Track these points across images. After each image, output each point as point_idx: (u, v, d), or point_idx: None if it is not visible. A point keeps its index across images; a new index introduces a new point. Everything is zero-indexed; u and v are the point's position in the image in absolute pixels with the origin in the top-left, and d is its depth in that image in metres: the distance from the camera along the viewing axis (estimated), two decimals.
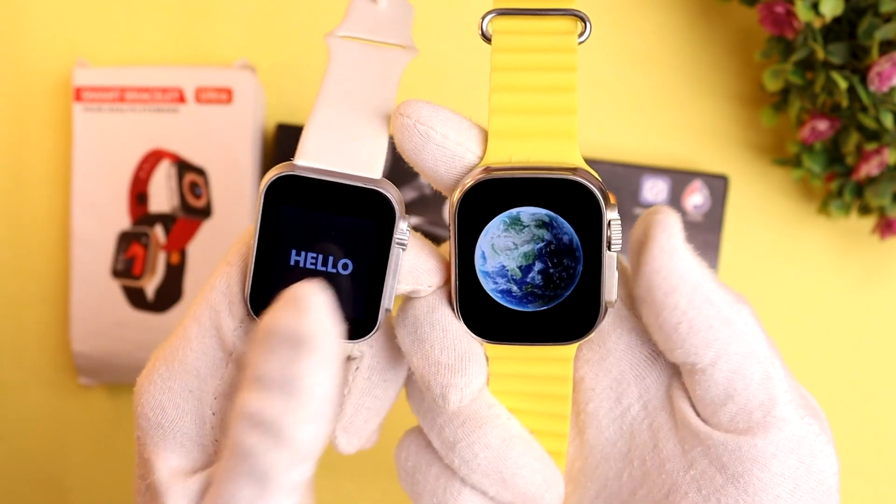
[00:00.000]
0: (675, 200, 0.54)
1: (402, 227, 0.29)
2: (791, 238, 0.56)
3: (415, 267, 0.30)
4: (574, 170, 0.28)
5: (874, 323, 0.57)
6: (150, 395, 0.31)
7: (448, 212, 0.29)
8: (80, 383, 0.55)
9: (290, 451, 0.26)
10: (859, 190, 0.51)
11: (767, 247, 0.56)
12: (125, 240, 0.54)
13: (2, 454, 0.56)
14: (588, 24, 0.29)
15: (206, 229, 0.54)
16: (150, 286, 0.54)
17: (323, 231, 0.29)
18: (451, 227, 0.29)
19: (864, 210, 0.53)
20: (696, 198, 0.54)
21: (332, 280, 0.29)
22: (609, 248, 0.29)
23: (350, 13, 0.33)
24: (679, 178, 0.54)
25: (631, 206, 0.54)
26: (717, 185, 0.54)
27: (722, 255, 0.55)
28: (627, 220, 0.54)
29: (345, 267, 0.29)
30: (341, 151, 0.29)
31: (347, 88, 0.30)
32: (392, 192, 0.29)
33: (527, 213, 0.29)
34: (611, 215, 0.29)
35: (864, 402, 0.57)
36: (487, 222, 0.29)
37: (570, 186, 0.28)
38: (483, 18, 0.30)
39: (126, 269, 0.54)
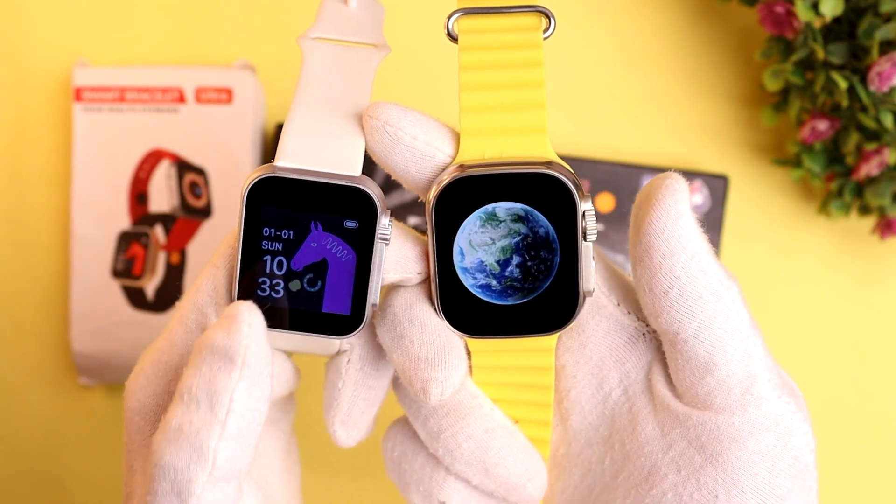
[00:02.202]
0: None
1: (385, 223, 0.29)
2: (791, 238, 0.56)
3: (402, 256, 0.30)
4: (547, 163, 0.29)
5: (874, 323, 0.57)
6: (136, 397, 0.31)
7: (425, 210, 0.29)
8: (80, 383, 0.55)
9: (209, 467, 0.27)
10: (859, 190, 0.51)
11: (767, 247, 0.56)
12: (125, 240, 0.54)
13: (2, 454, 0.56)
14: (552, 20, 0.30)
15: (206, 229, 0.54)
16: (150, 286, 0.54)
17: (306, 230, 0.29)
18: (429, 226, 0.29)
19: (864, 210, 0.53)
20: (696, 198, 0.54)
21: (318, 278, 0.30)
22: (585, 239, 0.29)
23: (320, 15, 0.33)
24: None
25: (631, 206, 0.54)
26: (717, 185, 0.54)
27: (722, 255, 0.55)
28: (628, 220, 0.54)
29: (329, 265, 0.30)
30: (320, 151, 0.29)
31: (322, 89, 0.31)
32: (372, 189, 0.29)
33: (502, 208, 0.29)
34: (585, 206, 0.29)
35: (864, 402, 0.57)
36: (464, 219, 0.29)
37: (543, 180, 0.29)
38: (448, 18, 0.30)
39: (126, 269, 0.54)
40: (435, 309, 0.30)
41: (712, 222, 0.54)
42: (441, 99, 0.56)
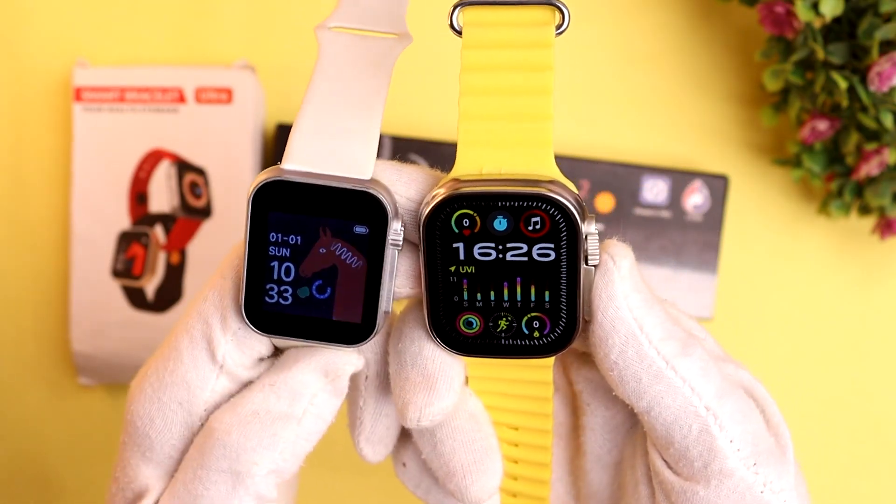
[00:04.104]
0: (675, 200, 0.54)
1: (396, 228, 0.28)
2: (791, 238, 0.56)
3: (416, 270, 0.29)
4: (549, 182, 0.27)
5: (874, 323, 0.57)
6: (139, 404, 0.31)
7: (417, 228, 0.28)
8: (80, 383, 0.55)
9: (276, 456, 0.29)
10: (859, 190, 0.51)
11: (767, 247, 0.56)
12: (125, 240, 0.54)
13: (1, 454, 0.56)
14: (567, 15, 0.28)
15: (206, 229, 0.54)
16: (150, 286, 0.54)
17: (314, 236, 0.28)
18: (421, 244, 0.28)
19: (864, 210, 0.53)
20: (696, 198, 0.54)
21: (327, 285, 0.29)
22: (586, 263, 0.28)
23: (341, 3, 0.31)
24: (679, 178, 0.54)
25: (631, 206, 0.54)
26: (717, 185, 0.54)
27: (722, 255, 0.55)
28: (627, 220, 0.54)
29: (339, 271, 0.29)
30: (330, 153, 0.28)
31: (337, 84, 0.29)
32: (383, 193, 0.28)
33: None
34: (587, 229, 0.27)
35: (864, 402, 0.57)
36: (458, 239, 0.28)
37: (542, 201, 0.27)
38: (454, 9, 0.28)
39: (126, 269, 0.54)
40: (427, 328, 0.29)
41: (712, 222, 0.54)
42: (443, 95, 0.56)
